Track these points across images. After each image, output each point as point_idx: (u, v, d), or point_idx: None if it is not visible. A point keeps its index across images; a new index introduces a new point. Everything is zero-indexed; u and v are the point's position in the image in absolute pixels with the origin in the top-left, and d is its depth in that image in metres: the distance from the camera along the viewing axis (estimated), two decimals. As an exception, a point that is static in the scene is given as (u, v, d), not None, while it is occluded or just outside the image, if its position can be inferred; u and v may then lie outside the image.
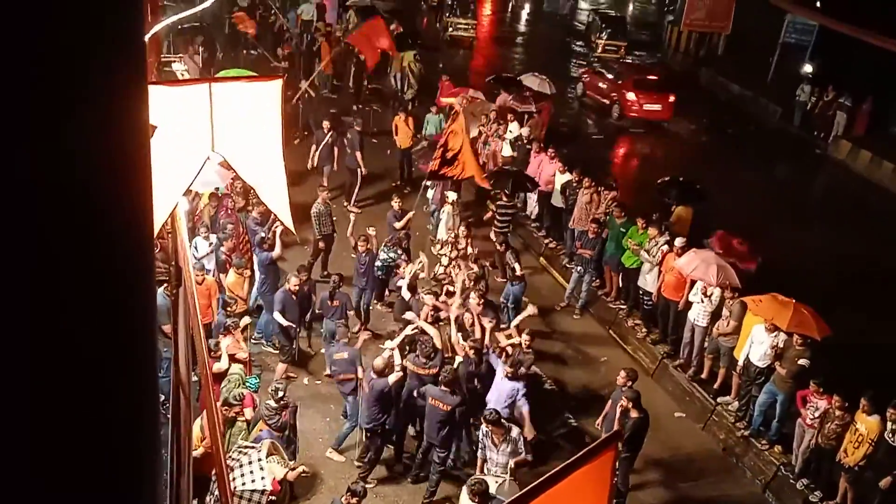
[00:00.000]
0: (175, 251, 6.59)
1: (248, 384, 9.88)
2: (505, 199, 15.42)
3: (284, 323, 11.60)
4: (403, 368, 10.30)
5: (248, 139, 4.84)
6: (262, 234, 12.95)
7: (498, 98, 20.53)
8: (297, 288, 11.66)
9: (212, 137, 4.62)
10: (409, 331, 10.82)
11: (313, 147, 17.34)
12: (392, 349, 10.34)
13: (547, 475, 2.55)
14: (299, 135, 19.31)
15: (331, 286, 12.15)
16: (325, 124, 17.16)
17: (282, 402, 9.55)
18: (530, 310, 11.85)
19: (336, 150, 17.08)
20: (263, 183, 5.08)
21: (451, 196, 14.90)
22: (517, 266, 13.51)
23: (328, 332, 11.89)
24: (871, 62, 23.38)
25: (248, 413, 9.37)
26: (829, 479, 10.50)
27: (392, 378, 10.04)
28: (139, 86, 1.35)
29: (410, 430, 11.06)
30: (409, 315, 11.29)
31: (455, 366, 10.41)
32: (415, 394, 10.45)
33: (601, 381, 12.65)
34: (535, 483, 2.51)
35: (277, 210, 5.30)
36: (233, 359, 10.19)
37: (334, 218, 14.45)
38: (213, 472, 8.27)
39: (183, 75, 14.56)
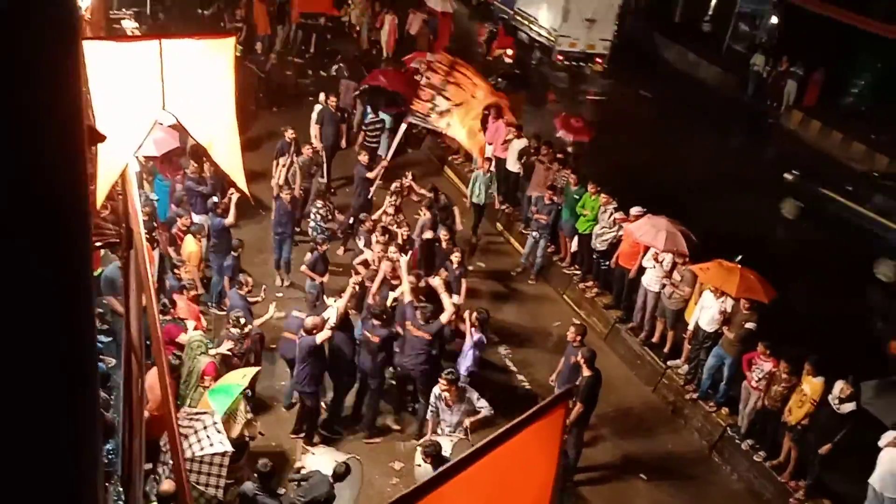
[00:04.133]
0: (126, 213, 6.50)
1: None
2: (373, 115, 16.94)
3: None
4: (339, 325, 10.16)
5: (200, 98, 4.75)
6: (216, 199, 12.86)
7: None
8: (248, 291, 11.19)
9: (162, 95, 4.54)
10: (351, 290, 10.81)
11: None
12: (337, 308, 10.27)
13: (497, 432, 2.59)
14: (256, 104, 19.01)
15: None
16: (289, 134, 15.10)
17: (245, 330, 9.97)
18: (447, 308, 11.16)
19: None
20: (216, 143, 5.01)
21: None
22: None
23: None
24: (824, 33, 23.72)
25: (208, 381, 9.36)
26: (774, 440, 10.83)
27: (320, 337, 9.91)
28: (70, 37, 1.30)
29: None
30: (365, 254, 11.35)
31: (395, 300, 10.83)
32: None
33: (554, 343, 12.82)
34: (486, 440, 2.56)
35: (231, 171, 5.23)
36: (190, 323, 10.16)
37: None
38: (164, 438, 8.28)
39: (132, 32, 14.24)
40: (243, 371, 9.59)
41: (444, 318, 10.49)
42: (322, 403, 10.65)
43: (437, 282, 11.04)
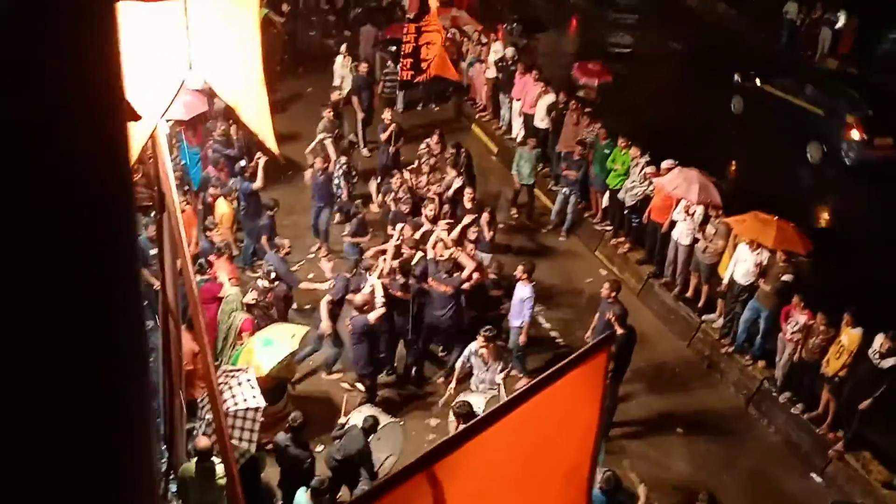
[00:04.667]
0: (157, 176, 6.51)
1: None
2: (391, 65, 17.14)
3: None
4: (387, 301, 10.08)
5: (227, 57, 4.70)
6: (243, 163, 12.88)
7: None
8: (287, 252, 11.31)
9: (189, 56, 4.50)
10: (388, 257, 10.78)
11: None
12: (374, 282, 10.21)
13: (537, 378, 2.55)
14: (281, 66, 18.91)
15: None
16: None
17: (273, 284, 10.21)
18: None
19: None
20: (244, 103, 4.95)
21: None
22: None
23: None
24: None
25: (245, 338, 9.50)
26: (812, 393, 10.72)
27: (373, 316, 9.76)
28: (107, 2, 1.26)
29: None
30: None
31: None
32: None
33: (587, 300, 12.75)
34: (526, 386, 2.52)
35: (260, 131, 5.18)
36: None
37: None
38: (201, 395, 8.42)
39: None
40: (292, 329, 9.68)
41: (465, 273, 10.52)
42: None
43: (453, 251, 10.89)
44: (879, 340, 9.76)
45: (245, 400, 7.97)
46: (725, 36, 25.99)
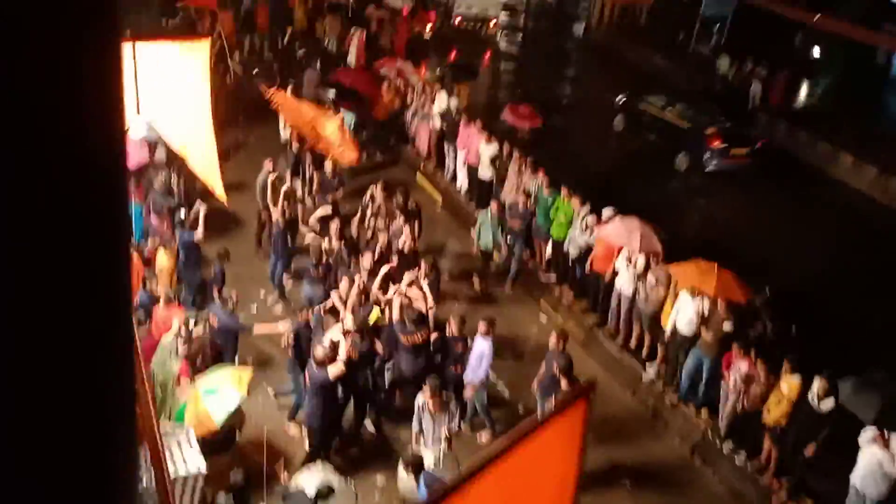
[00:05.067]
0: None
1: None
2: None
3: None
4: (348, 361, 9.68)
5: (175, 102, 4.57)
6: (183, 213, 12.64)
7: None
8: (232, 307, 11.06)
9: (136, 100, 4.36)
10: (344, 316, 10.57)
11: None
12: (336, 336, 9.93)
13: (515, 430, 2.45)
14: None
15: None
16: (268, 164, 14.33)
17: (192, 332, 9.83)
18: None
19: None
20: (192, 147, 4.82)
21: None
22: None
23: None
24: (787, 34, 23.98)
25: (184, 382, 9.20)
26: (755, 441, 10.81)
27: (332, 371, 9.39)
28: (115, 40, 1.28)
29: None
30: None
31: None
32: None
33: (532, 350, 12.72)
34: (505, 440, 2.42)
35: (207, 176, 5.05)
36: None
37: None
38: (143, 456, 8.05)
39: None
40: (236, 373, 9.29)
41: (430, 311, 10.68)
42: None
43: (412, 290, 10.93)
44: (817, 383, 9.90)
45: (185, 462, 7.63)
46: (662, 86, 26.72)
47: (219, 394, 8.77)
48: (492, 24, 29.22)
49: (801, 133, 22.87)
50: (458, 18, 28.79)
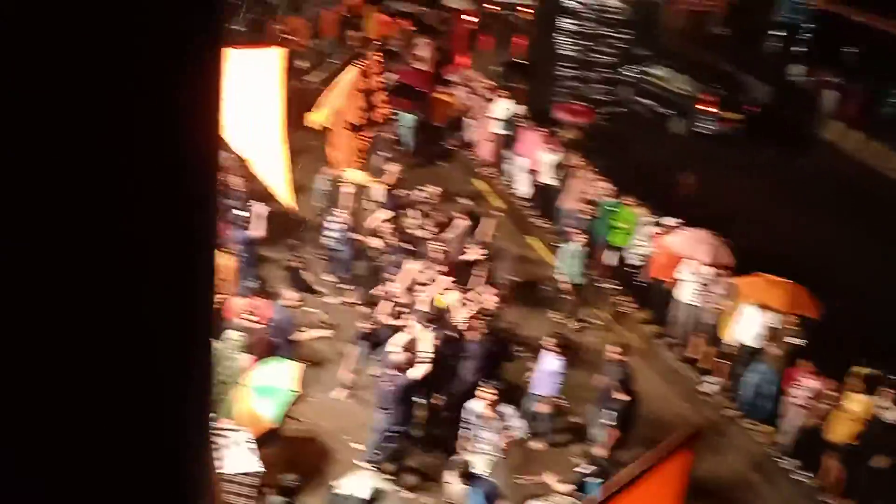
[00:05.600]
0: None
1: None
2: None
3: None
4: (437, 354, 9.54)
5: (245, 110, 4.60)
6: (243, 213, 12.81)
7: None
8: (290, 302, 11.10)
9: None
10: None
11: None
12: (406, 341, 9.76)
13: (619, 478, 2.40)
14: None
15: None
16: None
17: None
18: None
19: None
20: (260, 156, 4.84)
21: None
22: None
23: None
24: (864, 43, 23.28)
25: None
26: (819, 459, 10.47)
27: (419, 372, 9.26)
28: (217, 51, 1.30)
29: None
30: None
31: None
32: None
33: (592, 361, 12.54)
34: (611, 486, 2.37)
35: (274, 185, 5.07)
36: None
37: None
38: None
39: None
40: (287, 370, 9.29)
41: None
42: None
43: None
44: (882, 394, 9.57)
45: (241, 462, 7.72)
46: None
47: (271, 394, 8.82)
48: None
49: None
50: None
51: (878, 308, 14.02)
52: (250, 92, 4.72)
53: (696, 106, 22.36)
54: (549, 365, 10.47)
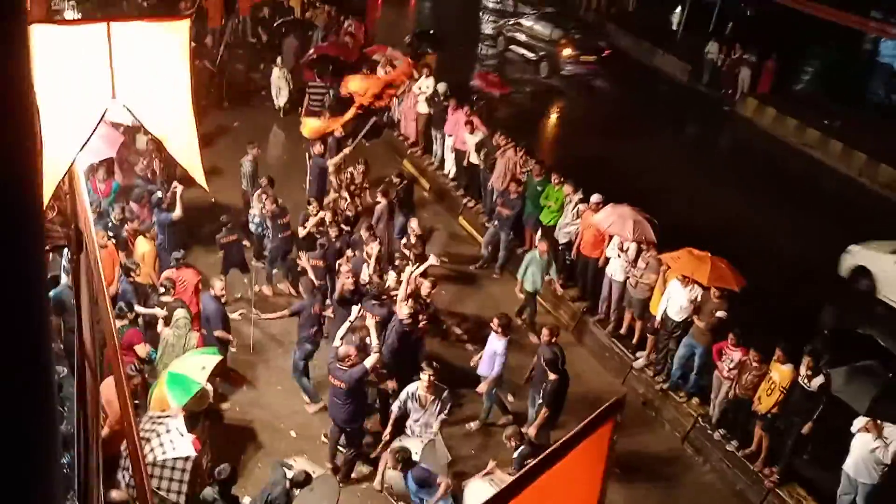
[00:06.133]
0: (75, 213, 6.08)
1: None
2: (318, 80, 17.75)
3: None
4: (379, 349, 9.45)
5: (153, 85, 4.36)
6: (160, 194, 12.42)
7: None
8: (222, 293, 10.77)
9: (112, 84, 4.15)
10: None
11: None
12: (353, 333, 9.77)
13: (542, 455, 2.30)
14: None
15: None
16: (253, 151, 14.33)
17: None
18: (432, 259, 11.57)
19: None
20: (171, 134, 4.62)
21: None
22: None
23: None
24: (776, 20, 23.89)
25: (140, 350, 9.38)
26: (746, 429, 10.72)
27: (370, 362, 9.17)
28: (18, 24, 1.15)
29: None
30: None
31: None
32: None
33: (520, 339, 12.57)
34: (532, 464, 2.27)
35: (188, 166, 4.84)
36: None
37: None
38: (123, 446, 7.89)
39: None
40: (202, 361, 9.18)
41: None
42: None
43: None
44: (804, 363, 9.83)
45: (174, 448, 7.51)
46: (649, 74, 26.68)
47: (183, 383, 8.71)
48: None
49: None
50: None
51: (795, 278, 14.49)
52: (158, 67, 4.46)
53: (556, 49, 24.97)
54: (493, 346, 10.43)
